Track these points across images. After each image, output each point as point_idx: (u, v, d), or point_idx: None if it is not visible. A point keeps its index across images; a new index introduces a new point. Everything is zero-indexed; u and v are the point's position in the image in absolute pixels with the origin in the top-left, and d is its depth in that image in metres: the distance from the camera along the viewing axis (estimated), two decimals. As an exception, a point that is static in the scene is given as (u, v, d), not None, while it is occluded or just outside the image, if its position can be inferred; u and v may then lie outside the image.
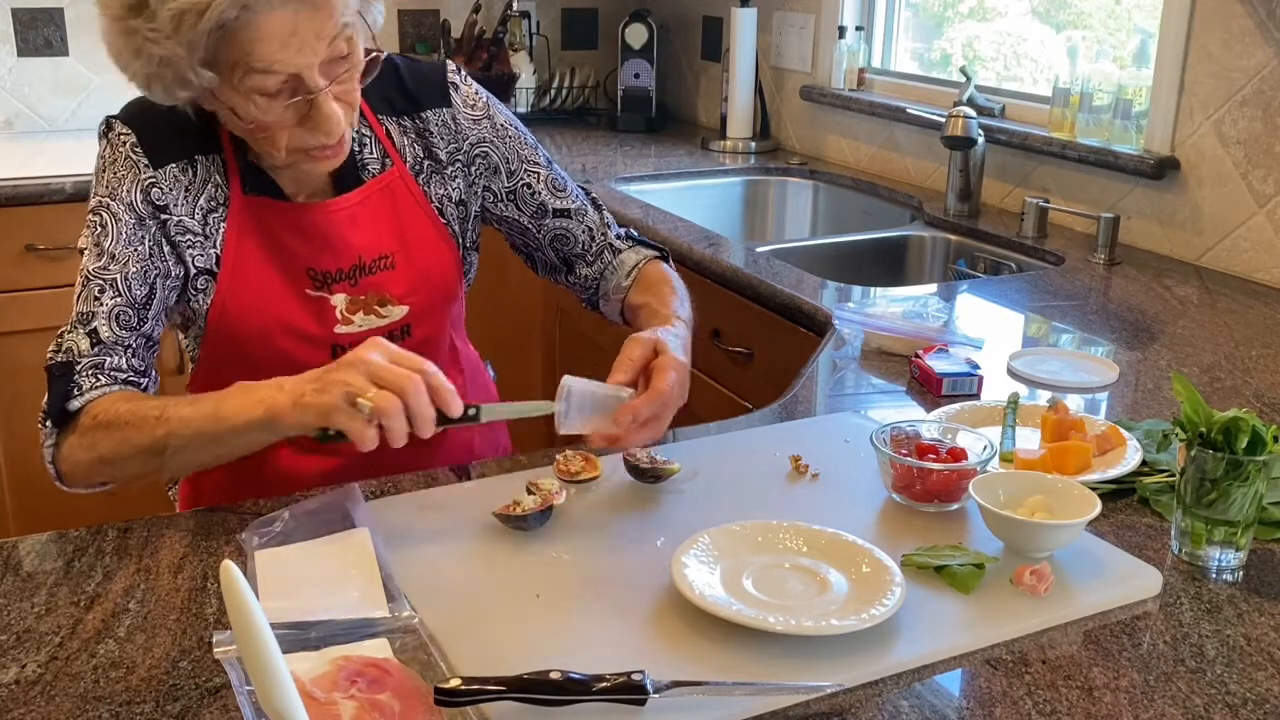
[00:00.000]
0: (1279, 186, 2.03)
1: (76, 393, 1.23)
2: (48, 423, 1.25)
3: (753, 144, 3.22)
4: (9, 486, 2.73)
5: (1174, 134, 2.20)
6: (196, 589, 1.07)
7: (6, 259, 2.60)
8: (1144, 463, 1.31)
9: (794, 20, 3.18)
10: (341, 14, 1.20)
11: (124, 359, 1.26)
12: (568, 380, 1.16)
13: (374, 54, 1.28)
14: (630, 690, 0.88)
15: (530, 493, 1.18)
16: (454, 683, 0.86)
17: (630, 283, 1.51)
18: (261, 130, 1.23)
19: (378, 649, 0.96)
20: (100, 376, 1.24)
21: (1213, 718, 0.91)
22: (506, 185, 1.49)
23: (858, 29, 2.99)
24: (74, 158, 2.81)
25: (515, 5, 3.50)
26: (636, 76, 3.55)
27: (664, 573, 1.05)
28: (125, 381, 1.25)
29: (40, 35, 3.09)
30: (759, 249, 2.29)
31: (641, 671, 0.89)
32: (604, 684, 0.88)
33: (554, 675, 0.88)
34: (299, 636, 0.96)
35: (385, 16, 1.30)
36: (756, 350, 2.05)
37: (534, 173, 1.50)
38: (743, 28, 3.13)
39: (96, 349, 1.25)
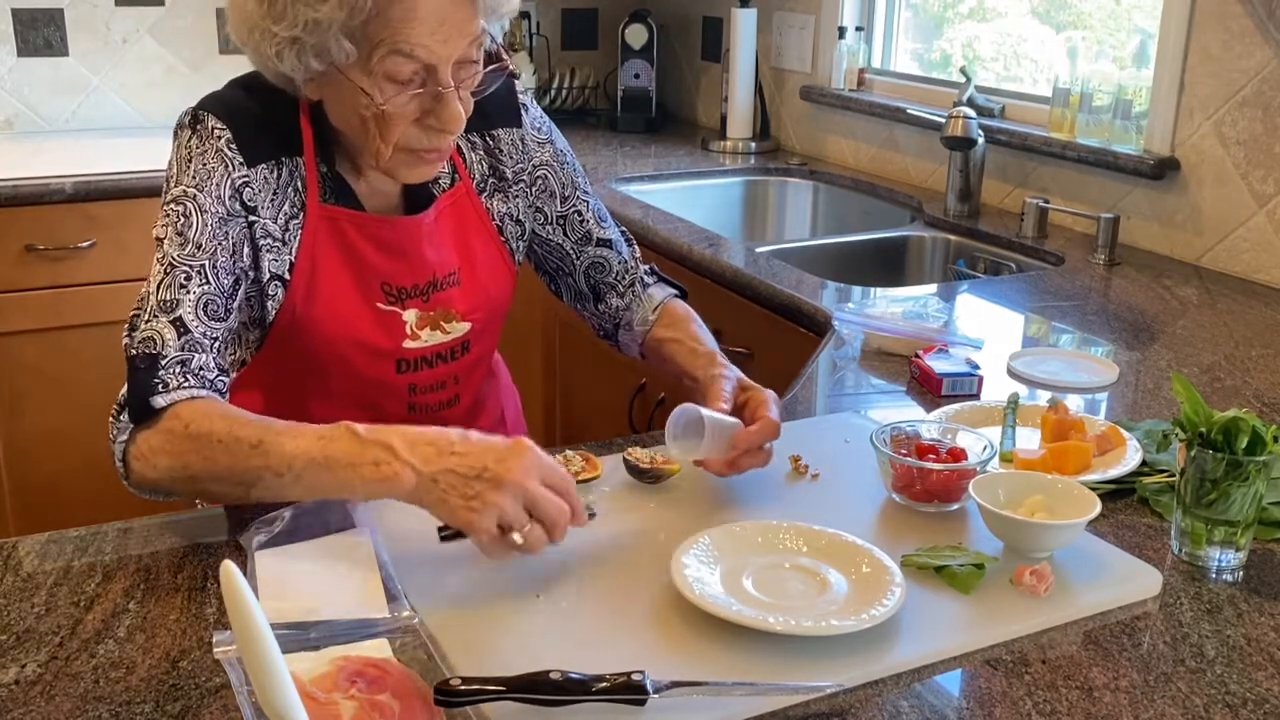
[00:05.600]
0: (1279, 186, 2.03)
1: (161, 389, 1.17)
2: (123, 416, 1.19)
3: (753, 144, 3.22)
4: (9, 486, 2.73)
5: (1174, 134, 2.20)
6: (196, 589, 1.07)
7: (6, 259, 2.60)
8: (1144, 463, 1.31)
9: (794, 20, 3.18)
10: (483, 18, 1.23)
11: (209, 357, 1.22)
12: (701, 411, 1.20)
13: (497, 65, 1.28)
14: (630, 690, 0.88)
15: (530, 493, 1.18)
16: (454, 683, 0.87)
17: (656, 317, 1.53)
18: (380, 119, 1.22)
19: (378, 649, 0.96)
20: (187, 376, 1.19)
21: (1213, 718, 0.91)
22: (559, 210, 1.50)
23: (858, 29, 2.99)
24: (74, 158, 2.82)
25: (515, 5, 3.50)
26: (636, 77, 3.55)
27: (664, 573, 1.05)
28: (210, 384, 1.21)
29: (40, 35, 3.09)
30: (759, 249, 2.29)
31: (641, 671, 0.89)
32: (604, 684, 0.88)
33: (554, 675, 0.88)
34: (299, 636, 0.96)
35: None
36: (756, 350, 2.05)
37: (585, 201, 1.52)
38: (743, 28, 3.13)
39: (183, 340, 1.20)
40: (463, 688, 0.86)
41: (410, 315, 1.36)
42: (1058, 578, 1.07)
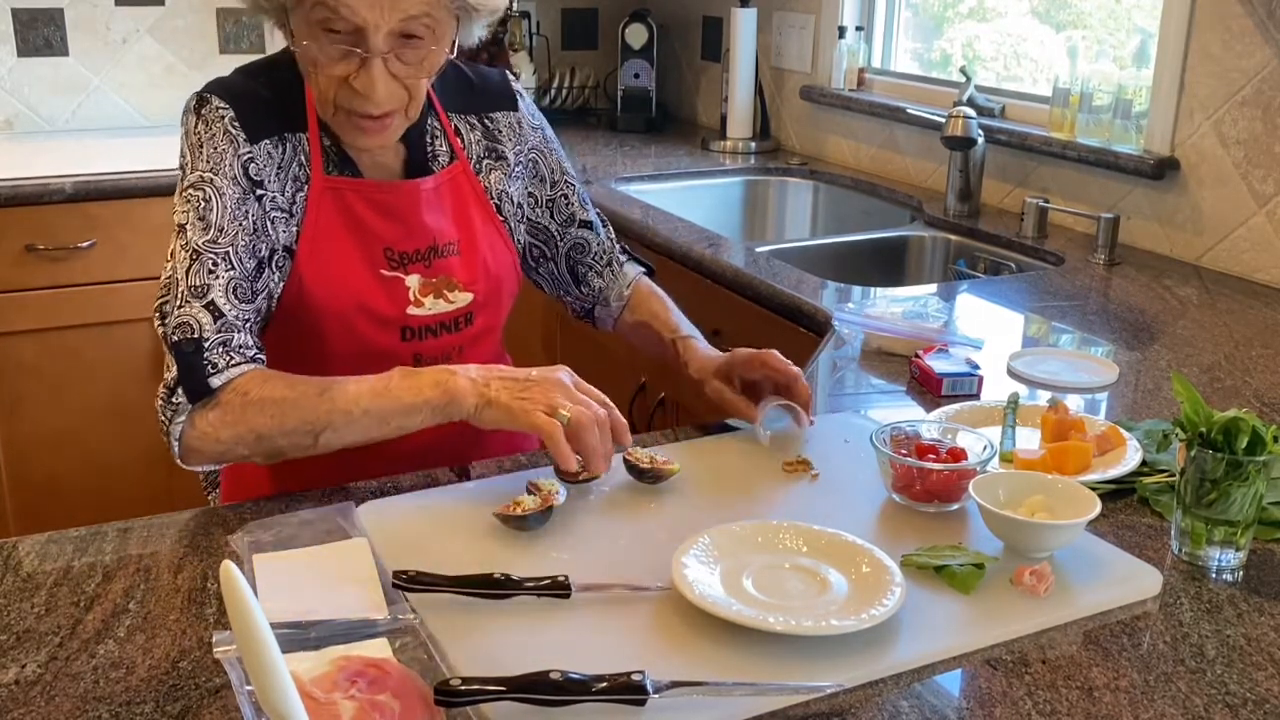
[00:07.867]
0: (1279, 186, 2.03)
1: (213, 370, 1.21)
2: (174, 399, 1.22)
3: (753, 144, 3.22)
4: (9, 486, 2.73)
5: (1174, 134, 2.20)
6: (196, 589, 1.07)
7: (6, 259, 2.59)
8: (1144, 463, 1.31)
9: (794, 20, 3.18)
10: (440, 6, 1.27)
11: (246, 335, 1.26)
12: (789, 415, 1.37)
13: (449, 58, 1.34)
14: (630, 690, 0.88)
15: (530, 493, 1.18)
16: (454, 683, 0.87)
17: (630, 294, 1.62)
18: (313, 65, 1.28)
19: (378, 649, 0.96)
20: (231, 354, 1.23)
21: (1213, 718, 0.91)
22: (548, 194, 1.57)
23: (858, 29, 2.99)
24: (74, 158, 2.82)
25: (515, 5, 3.50)
26: (636, 76, 3.55)
27: (664, 573, 1.05)
28: (253, 360, 1.25)
29: (40, 35, 3.09)
30: (759, 249, 2.29)
31: (641, 671, 0.89)
32: (604, 684, 0.88)
33: (554, 675, 0.88)
34: (299, 636, 0.96)
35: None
36: (756, 350, 2.04)
37: (570, 185, 1.59)
38: (743, 28, 3.13)
39: (219, 323, 1.24)
40: (463, 688, 0.86)
41: (413, 281, 1.40)
42: (1058, 578, 1.07)
